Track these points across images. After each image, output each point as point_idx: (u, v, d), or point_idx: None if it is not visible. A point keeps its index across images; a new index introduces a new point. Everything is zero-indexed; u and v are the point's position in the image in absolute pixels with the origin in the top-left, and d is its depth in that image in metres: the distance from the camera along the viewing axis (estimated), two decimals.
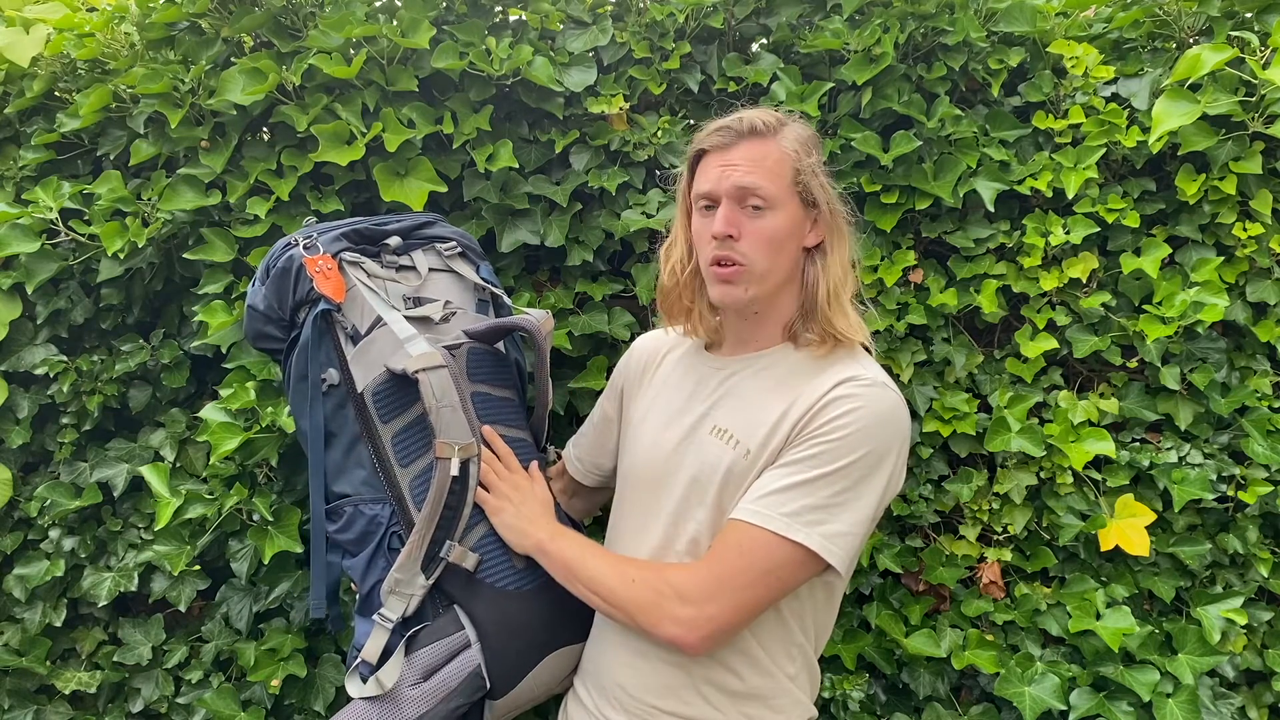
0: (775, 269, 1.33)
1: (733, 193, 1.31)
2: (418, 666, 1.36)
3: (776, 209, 1.31)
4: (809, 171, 1.32)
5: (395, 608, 1.37)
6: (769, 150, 1.31)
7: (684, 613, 1.23)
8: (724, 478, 1.31)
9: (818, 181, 1.33)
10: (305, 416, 1.46)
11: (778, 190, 1.30)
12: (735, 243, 1.31)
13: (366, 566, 1.43)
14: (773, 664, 1.33)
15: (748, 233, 1.31)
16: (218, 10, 1.95)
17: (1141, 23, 1.94)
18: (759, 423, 1.31)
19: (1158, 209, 1.88)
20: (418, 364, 1.34)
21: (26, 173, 2.04)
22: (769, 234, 1.31)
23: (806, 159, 1.33)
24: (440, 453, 1.34)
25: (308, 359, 1.44)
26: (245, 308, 1.51)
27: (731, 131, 1.33)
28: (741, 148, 1.32)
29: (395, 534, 1.42)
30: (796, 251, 1.35)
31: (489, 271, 1.67)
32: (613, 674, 1.39)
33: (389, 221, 1.59)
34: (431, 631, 1.38)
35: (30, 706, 2.03)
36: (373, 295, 1.46)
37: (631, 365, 1.58)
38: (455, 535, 1.38)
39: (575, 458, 1.65)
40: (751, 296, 1.34)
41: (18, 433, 2.04)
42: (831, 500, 1.23)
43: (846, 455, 1.23)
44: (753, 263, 1.31)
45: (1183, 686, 1.78)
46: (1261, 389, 1.87)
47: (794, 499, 1.23)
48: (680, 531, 1.35)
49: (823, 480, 1.23)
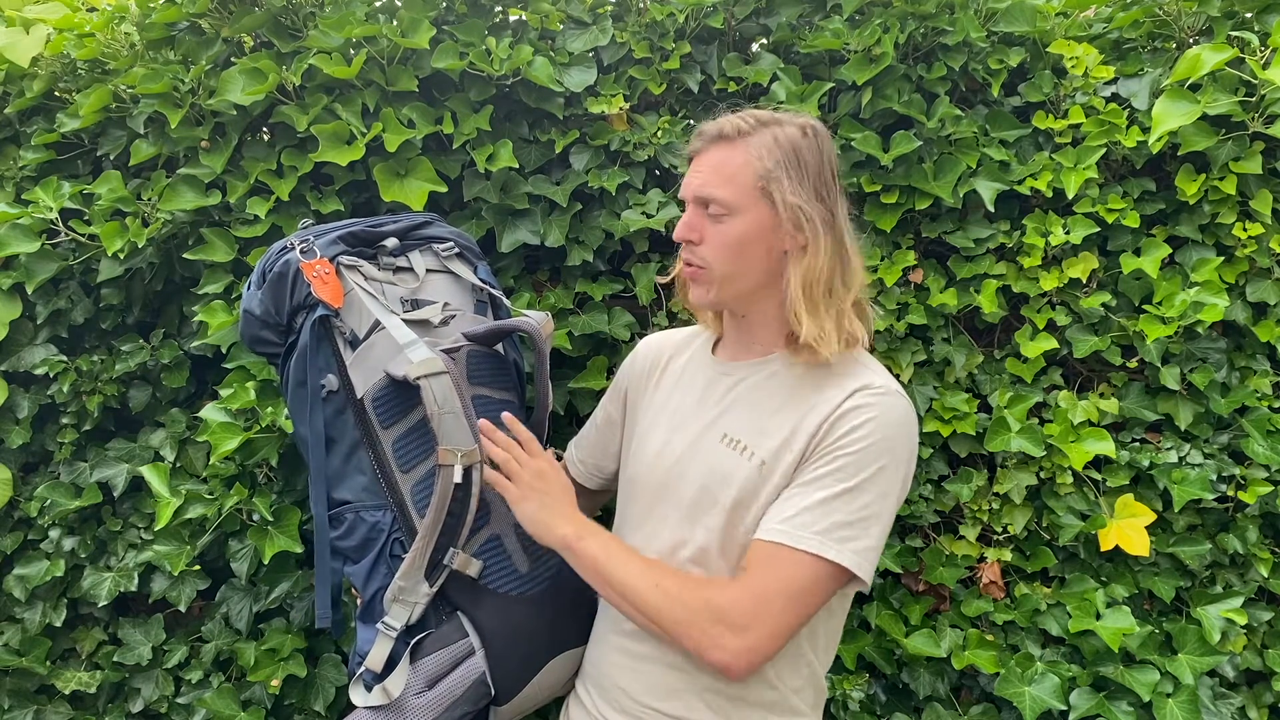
0: (741, 273, 1.32)
1: (694, 197, 1.34)
2: (422, 675, 1.35)
3: (736, 215, 1.30)
4: (773, 178, 1.29)
5: (399, 616, 1.37)
6: (732, 156, 1.31)
7: (732, 642, 1.22)
8: (738, 490, 1.30)
9: (788, 187, 1.29)
10: (304, 422, 1.45)
11: (736, 196, 1.30)
12: (697, 246, 1.34)
13: (368, 573, 1.42)
14: (778, 679, 1.33)
15: (708, 237, 1.33)
16: (218, 10, 1.95)
17: (1141, 23, 1.94)
18: (771, 433, 1.31)
19: (1158, 209, 1.88)
20: (419, 370, 1.32)
21: (26, 173, 2.04)
22: (727, 239, 1.31)
23: (774, 164, 1.29)
24: (443, 459, 1.33)
25: (306, 365, 1.43)
26: (241, 311, 1.50)
27: (704, 137, 1.35)
28: (709, 153, 1.33)
29: (397, 540, 1.41)
30: (768, 255, 1.32)
31: (487, 272, 1.66)
32: (613, 676, 1.39)
33: (385, 223, 1.58)
34: (436, 639, 1.38)
35: (30, 706, 2.03)
36: (371, 299, 1.44)
37: (636, 367, 1.57)
38: (459, 542, 1.38)
39: (577, 459, 1.64)
40: (715, 299, 1.35)
41: (18, 433, 2.04)
42: (859, 515, 1.23)
43: (868, 467, 1.24)
44: (711, 266, 1.33)
45: (1183, 686, 1.78)
46: (1261, 389, 1.87)
47: (823, 516, 1.22)
48: (688, 539, 1.34)
49: (848, 495, 1.23)
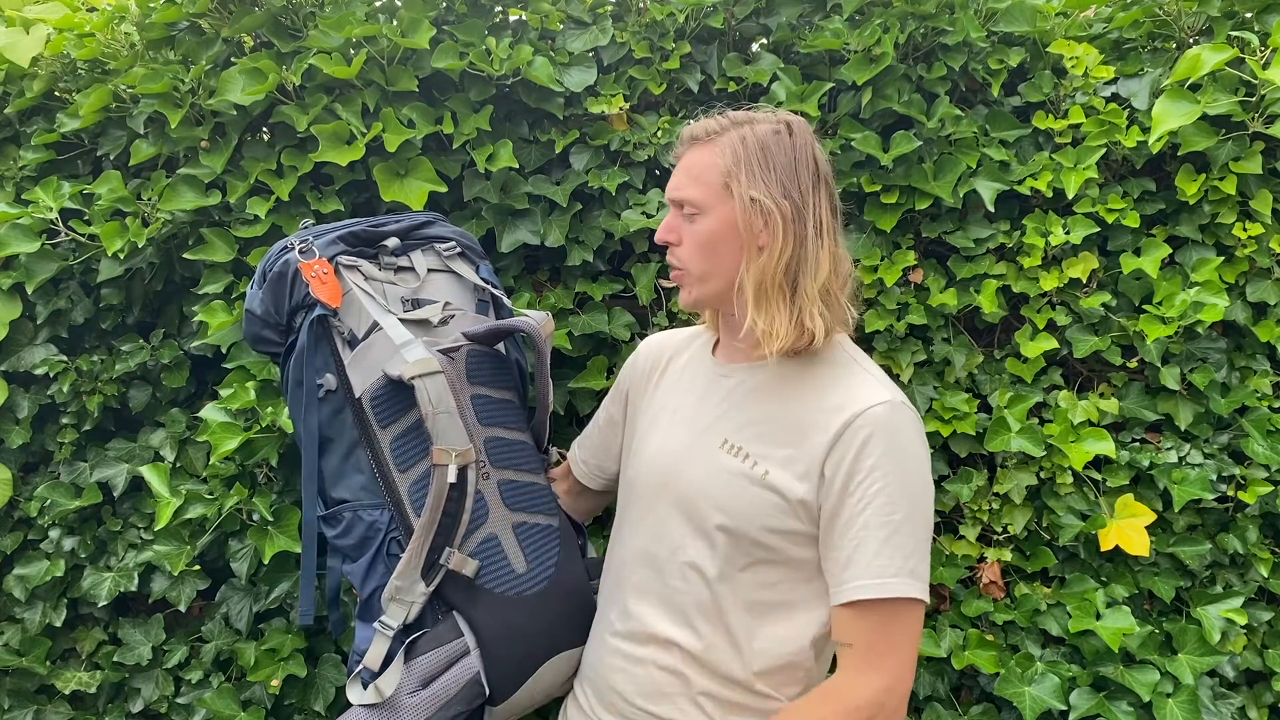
0: (715, 271, 1.33)
1: (670, 202, 1.37)
2: (416, 674, 1.35)
3: (706, 213, 1.32)
4: (732, 175, 1.29)
5: (396, 615, 1.37)
6: (701, 157, 1.33)
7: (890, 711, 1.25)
8: (741, 499, 1.30)
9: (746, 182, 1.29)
10: (302, 421, 1.46)
11: (704, 195, 1.32)
12: (676, 248, 1.37)
13: (366, 572, 1.42)
14: (775, 689, 1.33)
15: (684, 237, 1.36)
16: (218, 10, 1.95)
17: (1141, 23, 1.94)
18: (770, 439, 1.31)
19: (1158, 209, 1.88)
20: (413, 370, 1.33)
21: (26, 173, 2.04)
22: (699, 238, 1.33)
23: (734, 161, 1.30)
24: (437, 459, 1.33)
25: (303, 364, 1.43)
26: (244, 311, 1.51)
27: (682, 140, 1.38)
28: (687, 155, 1.37)
29: (395, 539, 1.41)
30: (740, 252, 1.31)
31: (489, 271, 1.66)
32: (608, 678, 1.39)
33: (387, 223, 1.58)
34: (430, 638, 1.37)
35: (30, 706, 2.03)
36: (369, 299, 1.44)
37: (638, 368, 1.57)
38: (455, 542, 1.37)
39: (580, 460, 1.64)
40: (695, 299, 1.37)
41: (18, 433, 2.04)
42: (917, 545, 1.26)
43: (909, 493, 1.26)
44: (688, 266, 1.36)
45: (1183, 686, 1.78)
46: (1261, 389, 1.87)
47: (894, 557, 1.23)
48: (689, 543, 1.33)
49: (904, 526, 1.24)
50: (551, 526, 1.50)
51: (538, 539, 1.47)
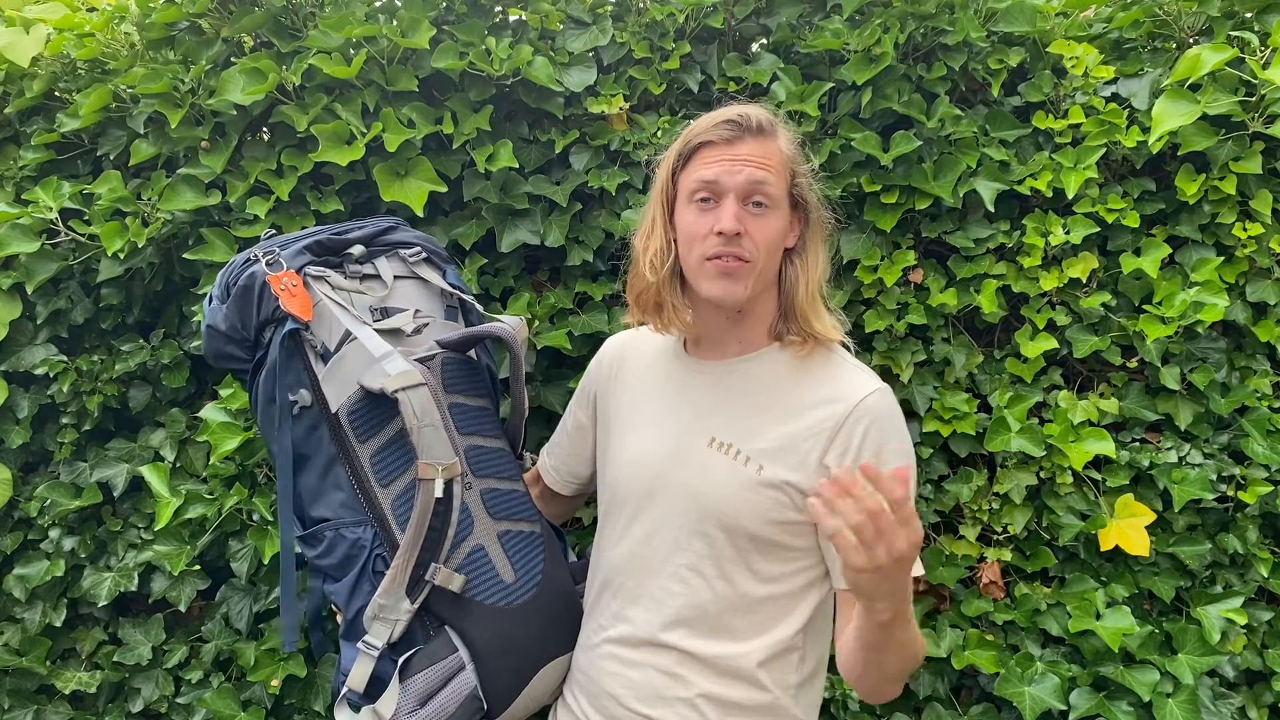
0: (769, 269, 1.33)
1: (742, 188, 1.29)
2: (413, 693, 1.32)
3: (775, 209, 1.31)
4: (803, 174, 1.34)
5: (380, 634, 1.34)
6: (772, 149, 1.32)
7: None
8: (736, 498, 1.29)
9: (807, 183, 1.35)
10: (276, 441, 1.42)
11: (779, 190, 1.31)
12: (742, 238, 1.29)
13: (351, 591, 1.38)
14: (772, 682, 1.32)
15: (752, 230, 1.29)
16: (218, 10, 1.95)
17: (1141, 23, 1.94)
18: (760, 434, 1.31)
19: (1158, 209, 1.88)
20: (396, 383, 1.29)
21: (26, 173, 2.04)
22: (770, 233, 1.31)
23: (801, 162, 1.35)
24: (423, 474, 1.30)
25: (275, 381, 1.39)
26: (204, 328, 1.45)
27: (738, 126, 1.31)
28: (748, 143, 1.30)
29: (379, 556, 1.37)
30: (781, 251, 1.35)
31: (456, 276, 1.61)
32: (603, 683, 1.37)
33: (349, 230, 1.53)
34: (425, 656, 1.35)
35: (30, 706, 2.03)
36: (341, 310, 1.40)
37: (602, 368, 1.54)
38: (440, 557, 1.34)
39: (551, 467, 1.61)
40: (748, 293, 1.32)
41: (18, 433, 2.05)
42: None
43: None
44: (756, 259, 1.30)
45: (1183, 686, 1.78)
46: (1261, 389, 1.87)
47: None
48: (686, 545, 1.33)
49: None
50: (535, 533, 1.47)
51: (523, 547, 1.45)
